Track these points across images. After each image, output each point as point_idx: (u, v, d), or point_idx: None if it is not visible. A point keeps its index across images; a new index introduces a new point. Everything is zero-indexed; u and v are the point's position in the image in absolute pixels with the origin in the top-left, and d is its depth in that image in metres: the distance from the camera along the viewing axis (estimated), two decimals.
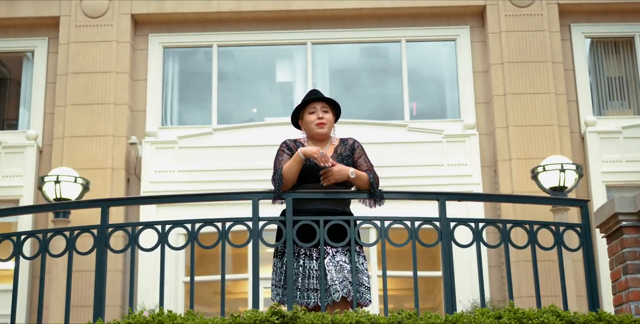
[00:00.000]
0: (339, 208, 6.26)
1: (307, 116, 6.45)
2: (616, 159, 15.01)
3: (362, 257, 6.20)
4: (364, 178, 6.21)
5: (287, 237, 6.02)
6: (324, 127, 6.40)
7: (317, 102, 6.45)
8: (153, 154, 15.15)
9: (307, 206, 6.22)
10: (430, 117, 15.82)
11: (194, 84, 16.29)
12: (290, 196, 6.11)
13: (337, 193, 6.17)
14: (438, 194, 6.21)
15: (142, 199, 6.43)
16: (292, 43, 16.14)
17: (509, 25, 15.49)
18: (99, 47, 15.46)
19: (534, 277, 6.19)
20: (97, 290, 6.05)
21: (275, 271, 6.25)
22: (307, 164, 6.22)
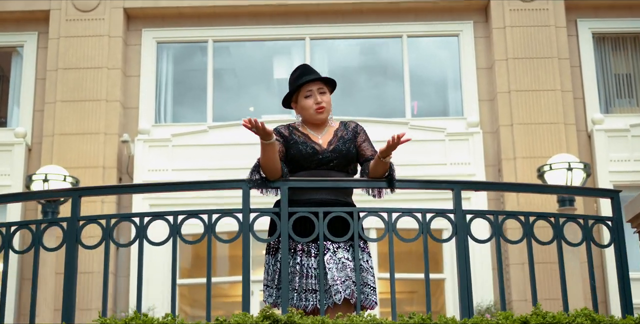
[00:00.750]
0: (340, 198, 5.44)
1: (302, 100, 5.62)
2: (624, 158, 14.22)
3: (366, 254, 5.37)
4: (389, 162, 5.40)
5: (282, 231, 5.19)
6: (324, 113, 5.57)
7: (313, 83, 5.62)
8: (146, 152, 14.33)
9: (304, 196, 5.40)
10: (432, 115, 15.00)
11: (188, 80, 15.44)
12: (285, 184, 5.28)
13: (341, 182, 5.34)
14: (452, 183, 5.39)
15: (118, 188, 5.58)
16: (290, 38, 15.30)
17: (514, 20, 14.67)
18: (90, 42, 14.63)
19: (561, 277, 5.35)
20: (66, 291, 5.20)
21: (267, 269, 5.42)
22: (303, 149, 5.41)
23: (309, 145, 5.43)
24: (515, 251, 13.40)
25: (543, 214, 5.38)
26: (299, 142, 5.46)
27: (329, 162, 5.43)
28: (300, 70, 5.71)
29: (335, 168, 5.44)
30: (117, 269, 13.91)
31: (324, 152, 5.43)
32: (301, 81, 5.60)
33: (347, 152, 5.47)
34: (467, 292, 5.19)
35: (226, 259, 15.17)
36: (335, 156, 5.44)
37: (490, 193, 14.08)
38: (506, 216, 5.35)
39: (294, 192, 5.38)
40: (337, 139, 5.52)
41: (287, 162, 5.45)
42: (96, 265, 13.41)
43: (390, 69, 15.35)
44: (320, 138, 5.53)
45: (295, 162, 5.43)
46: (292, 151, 5.44)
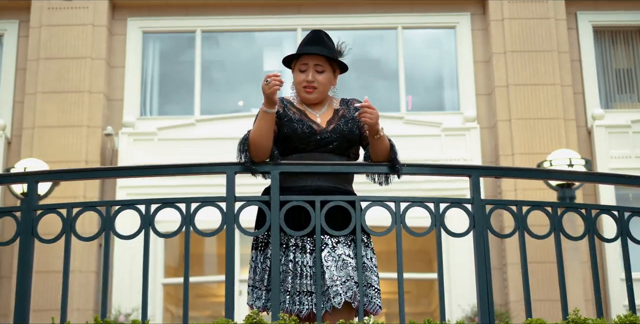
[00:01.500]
0: (339, 186, 4.60)
1: (296, 73, 4.81)
2: (625, 154, 13.41)
3: (370, 250, 4.53)
4: (386, 141, 4.56)
5: (272, 222, 4.35)
6: (313, 93, 4.72)
7: (310, 57, 4.77)
8: (130, 146, 13.44)
9: (298, 183, 4.55)
10: (428, 110, 14.16)
11: (175, 71, 14.53)
12: (277, 168, 4.43)
13: (340, 166, 4.49)
14: (470, 169, 4.54)
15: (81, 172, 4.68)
16: (281, 29, 14.43)
17: (512, 12, 13.84)
18: (73, 32, 13.72)
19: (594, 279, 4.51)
20: (20, 291, 4.32)
21: (254, 268, 4.57)
22: (299, 128, 4.56)
23: (306, 123, 4.60)
24: (514, 249, 12.59)
25: (572, 206, 4.55)
26: (294, 119, 4.62)
27: (327, 144, 4.60)
28: (307, 37, 4.88)
29: (335, 151, 4.61)
30: (99, 268, 13.05)
31: (323, 132, 4.60)
32: (300, 51, 4.76)
33: (349, 133, 4.64)
34: (486, 294, 4.36)
35: (214, 257, 14.32)
36: (335, 137, 4.60)
37: (486, 187, 13.27)
38: (531, 207, 4.51)
39: (286, 178, 4.55)
40: (338, 118, 4.68)
41: (277, 143, 4.62)
42: (77, 263, 12.61)
43: (385, 62, 14.50)
44: (318, 116, 4.69)
45: (288, 143, 4.58)
46: (285, 130, 4.59)
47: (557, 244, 4.51)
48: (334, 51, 4.81)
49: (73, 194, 12.88)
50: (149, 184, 13.20)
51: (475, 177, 4.48)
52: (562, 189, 12.18)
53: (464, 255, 12.50)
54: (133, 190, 13.13)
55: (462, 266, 12.59)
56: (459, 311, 12.42)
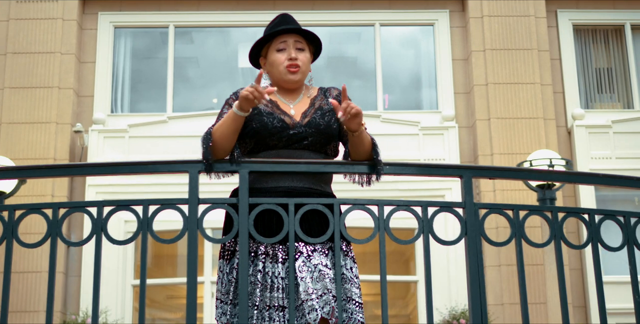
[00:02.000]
0: (316, 187, 4.04)
1: (273, 54, 4.21)
2: (605, 155, 12.93)
3: (350, 259, 3.97)
4: (367, 137, 4.00)
5: (240, 228, 3.78)
6: (297, 73, 4.16)
7: (289, 34, 4.21)
8: (100, 143, 12.81)
9: (269, 184, 3.99)
10: (405, 108, 13.61)
11: (147, 67, 13.89)
12: (246, 167, 3.86)
13: (315, 164, 3.92)
14: (461, 169, 3.99)
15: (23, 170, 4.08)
16: (257, 25, 13.79)
17: (492, 9, 13.31)
18: (42, 26, 13.07)
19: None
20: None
21: (221, 278, 4.00)
22: (269, 122, 3.99)
23: (277, 117, 4.02)
24: (491, 252, 12.11)
25: (574, 210, 4.01)
26: (264, 112, 4.04)
27: (302, 140, 4.03)
28: (277, 20, 4.35)
29: (310, 148, 4.04)
30: (67, 269, 12.45)
31: (297, 126, 4.03)
32: (275, 29, 4.19)
33: (326, 127, 4.06)
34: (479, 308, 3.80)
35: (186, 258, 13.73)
36: (310, 132, 4.03)
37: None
38: (530, 212, 3.96)
39: (256, 178, 3.99)
40: (315, 110, 4.11)
41: (245, 139, 4.05)
42: (44, 264, 12.03)
43: (362, 59, 13.93)
44: (292, 107, 4.12)
45: (258, 139, 4.01)
46: (254, 124, 4.02)
47: (558, 253, 3.97)
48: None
49: (41, 192, 12.29)
50: (122, 182, 12.63)
51: (467, 178, 3.94)
52: (542, 191, 11.69)
53: (441, 257, 12.03)
54: (104, 188, 12.54)
55: (440, 269, 12.12)
56: (436, 314, 11.92)
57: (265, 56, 4.25)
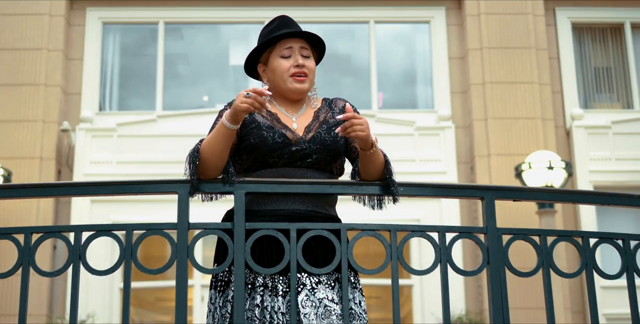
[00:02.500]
0: (320, 210, 3.54)
1: (276, 60, 3.67)
2: (605, 156, 12.50)
3: (358, 292, 3.49)
4: (381, 156, 3.52)
5: (236, 257, 3.30)
6: (305, 82, 3.66)
7: (294, 39, 3.71)
8: (88, 142, 12.33)
9: (268, 206, 3.50)
10: (400, 107, 13.13)
11: (136, 65, 13.38)
12: (241, 188, 3.39)
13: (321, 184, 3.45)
14: (483, 190, 3.51)
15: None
16: (249, 22, 13.32)
17: (489, 7, 12.84)
18: (29, 21, 12.56)
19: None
20: None
21: (212, 312, 3.51)
22: (269, 137, 3.50)
23: (278, 131, 3.52)
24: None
25: (607, 235, 3.55)
26: (264, 126, 3.53)
27: (305, 157, 3.53)
28: (277, 22, 3.77)
29: (314, 166, 3.53)
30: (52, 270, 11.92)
31: (300, 141, 3.52)
32: (279, 33, 3.69)
33: (333, 143, 3.56)
34: None
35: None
36: (315, 149, 3.53)
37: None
38: (558, 238, 3.49)
39: (254, 200, 3.50)
40: (319, 123, 3.61)
41: (242, 155, 3.56)
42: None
43: (356, 57, 13.44)
44: (294, 121, 3.62)
45: (256, 156, 3.51)
46: (252, 139, 3.51)
47: (590, 284, 3.51)
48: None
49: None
50: None
51: (489, 201, 3.47)
52: None
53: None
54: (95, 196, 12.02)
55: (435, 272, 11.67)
56: (431, 319, 11.50)
57: (265, 63, 3.73)
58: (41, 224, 11.78)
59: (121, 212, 12.04)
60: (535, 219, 11.54)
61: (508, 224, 11.67)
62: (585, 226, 12.08)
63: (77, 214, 11.96)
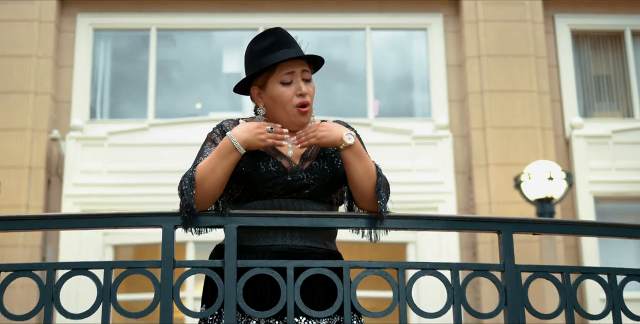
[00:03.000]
0: (318, 245, 3.17)
1: (276, 87, 3.23)
2: (605, 166, 12.16)
3: None
4: (367, 160, 3.13)
5: (227, 298, 2.94)
6: (309, 112, 3.27)
7: (295, 61, 3.28)
8: (78, 151, 11.96)
9: (262, 241, 3.12)
10: (397, 116, 12.76)
11: (128, 72, 12.99)
12: (235, 221, 3.02)
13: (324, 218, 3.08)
14: (499, 223, 3.15)
15: None
16: (242, 28, 12.94)
17: (487, 14, 12.49)
18: (18, 28, 12.18)
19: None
20: None
21: None
22: (263, 166, 3.12)
23: (273, 159, 3.13)
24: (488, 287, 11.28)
25: (636, 272, 3.19)
26: (257, 154, 3.16)
27: (302, 189, 3.14)
28: (273, 38, 3.30)
29: (311, 197, 3.16)
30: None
31: (296, 171, 3.14)
32: (280, 56, 3.23)
33: (332, 172, 3.18)
34: None
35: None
36: (313, 179, 3.15)
37: (459, 201, 11.98)
38: (583, 275, 3.14)
39: (246, 234, 3.12)
40: (317, 151, 3.23)
41: (231, 185, 3.16)
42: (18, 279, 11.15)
43: (352, 65, 13.07)
44: (290, 147, 3.24)
45: (247, 186, 3.12)
46: (243, 167, 3.11)
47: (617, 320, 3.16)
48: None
49: (15, 202, 11.44)
50: (101, 193, 11.80)
51: (506, 234, 3.11)
52: (541, 204, 10.92)
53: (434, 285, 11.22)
54: (83, 199, 11.72)
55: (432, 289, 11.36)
56: None
57: (261, 86, 3.30)
58: (30, 234, 11.44)
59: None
60: (533, 238, 11.20)
61: None
62: (586, 246, 11.73)
63: None
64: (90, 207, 11.73)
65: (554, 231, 3.21)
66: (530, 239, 11.33)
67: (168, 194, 11.64)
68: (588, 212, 11.92)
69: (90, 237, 11.63)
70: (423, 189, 11.79)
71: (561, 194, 10.94)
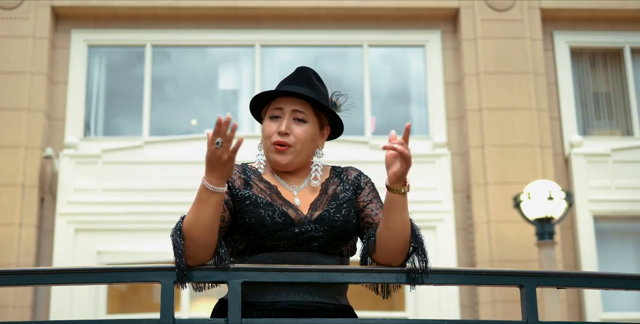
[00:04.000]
0: (329, 301, 2.94)
1: (265, 121, 3.11)
2: (605, 185, 11.97)
3: None
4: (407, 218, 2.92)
5: None
6: (284, 153, 3.05)
7: (288, 98, 3.11)
8: (72, 169, 11.73)
9: (267, 297, 2.90)
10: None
11: (123, 89, 12.74)
12: (238, 276, 2.79)
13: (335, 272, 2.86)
14: (522, 276, 2.93)
15: None
16: (238, 45, 12.72)
17: (486, 31, 12.30)
18: (11, 44, 11.95)
19: None
20: None
21: None
22: (267, 216, 2.89)
23: (279, 209, 2.91)
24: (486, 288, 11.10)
25: None
26: (261, 202, 2.91)
27: (311, 241, 2.92)
28: (291, 75, 3.22)
29: (321, 250, 2.94)
30: (35, 303, 11.37)
31: (304, 222, 2.91)
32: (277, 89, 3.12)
33: (343, 224, 2.96)
34: None
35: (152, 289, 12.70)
36: (322, 230, 2.92)
37: (458, 220, 11.77)
38: None
39: (251, 289, 2.89)
40: (327, 199, 3.00)
41: (234, 236, 2.94)
42: (11, 298, 10.99)
43: (349, 82, 12.84)
44: (296, 195, 3.02)
45: (251, 238, 2.90)
46: (247, 219, 2.89)
47: None
48: (325, 98, 3.19)
49: (8, 220, 11.22)
50: (94, 211, 11.59)
51: (529, 289, 2.89)
52: (541, 224, 10.70)
53: (431, 291, 11.07)
54: (76, 217, 11.51)
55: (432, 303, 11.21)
56: None
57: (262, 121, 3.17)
58: (23, 254, 11.24)
59: (106, 243, 11.49)
60: (534, 250, 11.03)
61: (506, 256, 11.24)
62: (585, 258, 11.55)
63: (61, 244, 11.39)
64: (84, 226, 11.53)
65: (579, 285, 2.99)
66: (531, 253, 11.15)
67: (163, 213, 11.43)
68: (587, 231, 11.75)
69: (82, 256, 11.40)
70: (421, 208, 11.53)
71: (561, 214, 10.73)
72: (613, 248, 11.94)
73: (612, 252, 11.90)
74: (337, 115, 3.18)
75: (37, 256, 11.44)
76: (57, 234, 11.43)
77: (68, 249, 11.38)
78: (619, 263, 11.84)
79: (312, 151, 3.11)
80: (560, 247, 11.40)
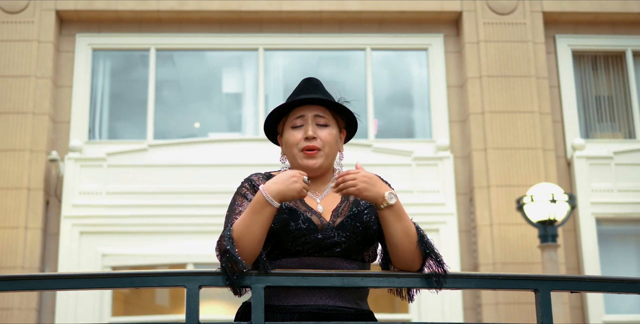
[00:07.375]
0: (350, 305, 3.03)
1: (288, 132, 3.19)
2: (607, 188, 12.05)
3: None
4: (406, 220, 3.00)
5: None
6: (316, 156, 3.14)
7: (307, 106, 3.21)
8: (77, 172, 11.80)
9: (290, 301, 2.99)
10: (397, 137, 12.62)
11: (127, 92, 12.84)
12: (262, 281, 2.88)
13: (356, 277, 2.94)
14: (537, 281, 3.01)
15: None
16: (242, 48, 12.81)
17: (488, 34, 12.38)
18: (16, 48, 12.03)
19: None
20: None
21: None
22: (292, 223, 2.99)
23: (303, 215, 3.00)
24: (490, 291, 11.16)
25: None
26: (286, 209, 3.01)
27: (333, 246, 3.01)
28: (299, 86, 3.29)
29: (343, 255, 3.03)
30: (40, 305, 11.45)
31: (327, 228, 3.00)
32: (292, 99, 3.20)
33: (365, 230, 3.04)
34: None
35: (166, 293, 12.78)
36: (345, 236, 3.01)
37: (461, 223, 11.85)
38: None
39: (274, 293, 2.98)
40: (349, 205, 3.09)
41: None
42: (17, 300, 11.07)
43: (352, 85, 12.93)
44: (319, 202, 3.11)
45: (275, 243, 2.99)
46: (273, 225, 2.96)
47: None
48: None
49: (14, 224, 11.29)
50: (99, 214, 11.67)
51: (544, 293, 2.97)
52: (544, 227, 10.78)
53: (434, 295, 11.13)
54: (81, 220, 11.58)
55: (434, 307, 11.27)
56: None
57: (281, 133, 3.25)
58: (28, 256, 11.31)
59: (111, 245, 11.57)
60: (537, 252, 11.12)
61: (509, 258, 11.32)
62: (587, 261, 11.64)
63: (66, 247, 11.47)
64: (89, 229, 11.61)
65: (593, 289, 3.07)
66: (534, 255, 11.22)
67: (167, 215, 11.55)
68: (590, 234, 11.83)
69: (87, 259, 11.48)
70: (424, 210, 11.62)
71: (563, 217, 10.81)
72: (615, 250, 12.03)
73: (615, 254, 11.98)
74: (355, 117, 3.25)
75: (42, 259, 11.52)
76: (62, 237, 11.51)
77: (73, 251, 11.46)
78: (621, 265, 11.93)
79: (336, 153, 3.20)
80: (563, 249, 11.49)
